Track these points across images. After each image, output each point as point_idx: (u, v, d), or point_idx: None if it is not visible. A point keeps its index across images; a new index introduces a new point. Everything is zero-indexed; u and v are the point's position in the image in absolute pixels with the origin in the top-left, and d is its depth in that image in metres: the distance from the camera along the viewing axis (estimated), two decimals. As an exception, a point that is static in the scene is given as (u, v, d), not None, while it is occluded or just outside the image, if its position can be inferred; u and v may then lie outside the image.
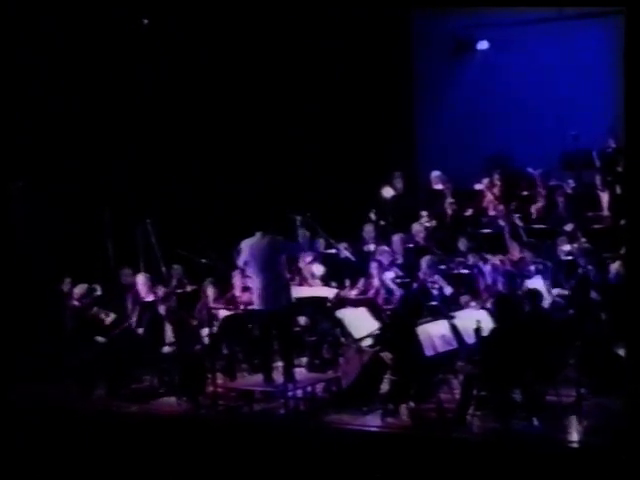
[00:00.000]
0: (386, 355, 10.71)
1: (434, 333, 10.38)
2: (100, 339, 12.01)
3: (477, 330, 10.07)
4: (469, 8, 15.99)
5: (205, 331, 11.60)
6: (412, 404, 10.38)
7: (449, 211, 14.70)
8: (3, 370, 12.33)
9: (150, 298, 12.29)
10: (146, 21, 14.90)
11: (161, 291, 12.33)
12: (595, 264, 11.97)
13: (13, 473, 10.61)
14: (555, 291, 11.94)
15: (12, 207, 13.96)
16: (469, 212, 14.69)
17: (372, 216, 14.56)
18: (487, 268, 12.41)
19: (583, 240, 12.92)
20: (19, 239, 13.92)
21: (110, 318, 12.17)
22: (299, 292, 11.97)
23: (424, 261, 12.55)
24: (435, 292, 12.06)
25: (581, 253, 12.34)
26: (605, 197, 13.92)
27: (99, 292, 12.52)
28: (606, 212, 13.82)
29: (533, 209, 14.29)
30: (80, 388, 11.85)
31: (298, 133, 15.84)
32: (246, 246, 11.23)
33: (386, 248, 13.35)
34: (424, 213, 14.59)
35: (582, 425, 9.70)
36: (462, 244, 13.27)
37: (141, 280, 12.42)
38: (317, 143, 15.86)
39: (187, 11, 14.91)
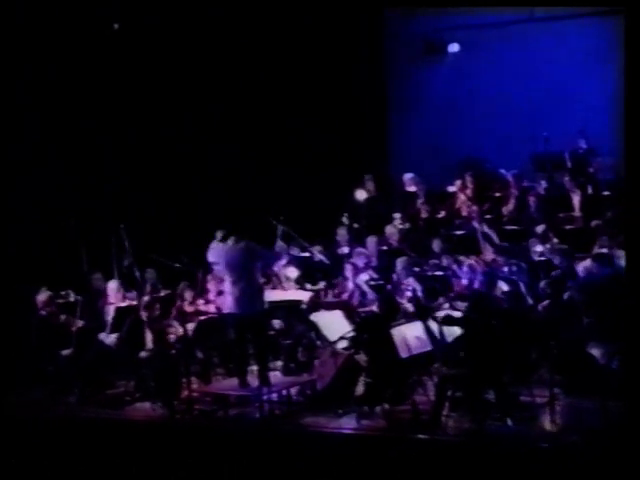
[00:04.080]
0: (361, 357, 10.75)
1: (409, 335, 10.41)
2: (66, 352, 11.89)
3: (445, 320, 10.17)
4: (440, 10, 16.06)
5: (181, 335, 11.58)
6: (387, 406, 10.37)
7: (422, 213, 14.74)
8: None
9: (124, 304, 12.23)
10: (116, 25, 14.79)
11: (145, 298, 12.24)
12: (568, 264, 12.04)
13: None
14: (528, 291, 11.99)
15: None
16: (442, 214, 14.73)
17: (345, 220, 14.57)
18: (464, 268, 12.44)
19: (555, 241, 13.00)
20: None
21: (78, 324, 12.05)
22: (274, 295, 11.98)
23: (398, 263, 12.59)
24: (409, 294, 12.09)
25: (553, 254, 12.42)
26: (576, 198, 13.99)
27: (72, 298, 12.43)
28: (577, 213, 13.89)
29: (505, 210, 14.35)
30: (53, 395, 11.77)
31: (270, 137, 15.82)
32: (219, 249, 11.23)
33: (363, 250, 13.38)
34: (397, 215, 14.63)
35: (555, 425, 9.75)
36: (436, 246, 13.32)
37: (113, 286, 12.40)
38: (289, 146, 15.85)
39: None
